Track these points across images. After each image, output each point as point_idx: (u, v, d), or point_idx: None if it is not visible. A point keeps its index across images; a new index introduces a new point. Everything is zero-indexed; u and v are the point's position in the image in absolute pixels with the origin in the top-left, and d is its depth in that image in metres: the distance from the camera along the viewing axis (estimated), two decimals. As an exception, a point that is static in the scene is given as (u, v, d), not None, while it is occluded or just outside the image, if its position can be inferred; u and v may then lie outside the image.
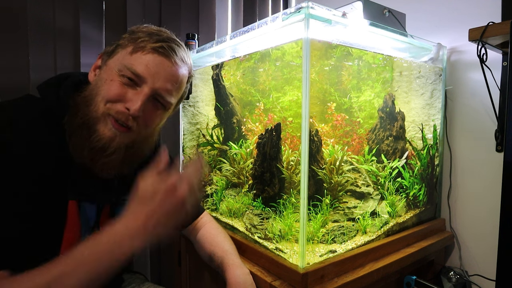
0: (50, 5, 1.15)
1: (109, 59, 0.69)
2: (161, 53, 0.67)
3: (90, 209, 0.72)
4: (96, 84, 0.68)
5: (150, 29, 0.71)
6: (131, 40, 0.68)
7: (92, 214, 0.72)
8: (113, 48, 0.69)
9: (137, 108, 0.65)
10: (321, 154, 0.98)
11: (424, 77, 1.18)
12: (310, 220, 0.88)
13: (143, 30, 0.70)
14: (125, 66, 0.66)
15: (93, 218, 0.72)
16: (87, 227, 0.71)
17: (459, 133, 1.20)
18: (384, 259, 0.92)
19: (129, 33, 0.70)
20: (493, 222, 1.09)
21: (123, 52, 0.68)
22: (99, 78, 0.68)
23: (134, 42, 0.68)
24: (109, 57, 0.69)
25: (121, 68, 0.66)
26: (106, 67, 0.69)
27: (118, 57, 0.68)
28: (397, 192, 1.06)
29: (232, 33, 1.08)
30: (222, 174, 1.20)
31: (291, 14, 0.81)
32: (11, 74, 1.08)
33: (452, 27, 1.20)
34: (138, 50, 0.67)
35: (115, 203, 0.76)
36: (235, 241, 0.95)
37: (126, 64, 0.66)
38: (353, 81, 1.10)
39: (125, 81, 0.66)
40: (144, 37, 0.68)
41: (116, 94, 0.65)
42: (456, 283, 1.09)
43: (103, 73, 0.68)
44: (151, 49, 0.67)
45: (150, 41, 0.67)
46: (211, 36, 1.57)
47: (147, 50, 0.67)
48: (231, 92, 1.24)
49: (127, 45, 0.68)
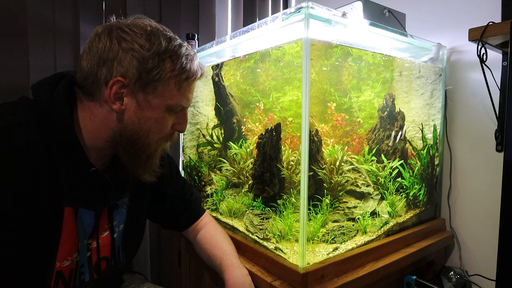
0: (50, 5, 1.15)
1: (148, 95, 0.63)
2: (197, 78, 0.69)
3: (87, 216, 0.69)
4: (139, 123, 0.64)
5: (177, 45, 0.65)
6: (168, 68, 0.63)
7: (90, 221, 0.70)
8: (147, 79, 0.62)
9: (185, 128, 0.72)
10: (321, 154, 0.98)
11: (424, 77, 1.18)
12: (310, 220, 0.88)
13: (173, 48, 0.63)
14: (175, 105, 0.66)
15: (91, 224, 0.70)
16: (84, 234, 0.69)
17: (459, 133, 1.20)
18: (384, 259, 0.92)
19: (157, 53, 0.62)
20: (493, 222, 1.09)
21: (165, 86, 0.64)
22: (142, 116, 0.64)
23: (176, 75, 0.64)
24: (143, 89, 0.62)
25: (170, 107, 0.66)
26: (147, 104, 0.63)
27: (161, 93, 0.64)
28: (397, 192, 1.06)
29: (232, 33, 1.08)
30: (222, 174, 1.20)
31: (291, 14, 0.81)
32: (11, 74, 1.08)
33: (452, 27, 1.20)
34: (182, 85, 0.66)
35: (113, 207, 0.74)
36: (235, 241, 0.95)
37: (175, 103, 0.66)
38: (353, 81, 1.10)
39: (173, 113, 0.69)
40: (183, 65, 0.64)
41: (169, 128, 0.69)
42: (456, 283, 1.09)
43: (146, 110, 0.64)
44: (192, 78, 0.68)
45: (188, 69, 0.66)
46: (211, 36, 1.57)
47: (190, 82, 0.67)
48: (231, 92, 1.24)
49: (168, 77, 0.63)
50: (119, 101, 0.62)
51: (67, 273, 0.67)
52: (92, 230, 0.71)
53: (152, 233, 1.45)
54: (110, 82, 0.61)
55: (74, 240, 0.67)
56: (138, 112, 0.64)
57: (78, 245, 0.68)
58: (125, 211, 0.78)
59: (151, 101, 0.64)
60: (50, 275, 0.64)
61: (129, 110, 0.63)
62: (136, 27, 0.62)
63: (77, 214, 0.67)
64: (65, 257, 0.66)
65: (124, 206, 0.77)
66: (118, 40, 0.61)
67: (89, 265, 0.71)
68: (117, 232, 0.77)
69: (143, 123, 0.64)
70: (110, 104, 0.62)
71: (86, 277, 0.71)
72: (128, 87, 0.62)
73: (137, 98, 0.63)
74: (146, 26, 0.63)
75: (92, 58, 0.62)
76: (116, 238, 0.76)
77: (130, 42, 0.61)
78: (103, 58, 0.61)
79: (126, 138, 0.65)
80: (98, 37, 0.62)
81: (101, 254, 0.73)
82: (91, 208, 0.69)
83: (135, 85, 0.62)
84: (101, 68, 0.61)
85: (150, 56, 0.61)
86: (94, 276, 0.72)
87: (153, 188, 0.85)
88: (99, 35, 0.62)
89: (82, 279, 0.70)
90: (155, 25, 0.65)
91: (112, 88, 0.61)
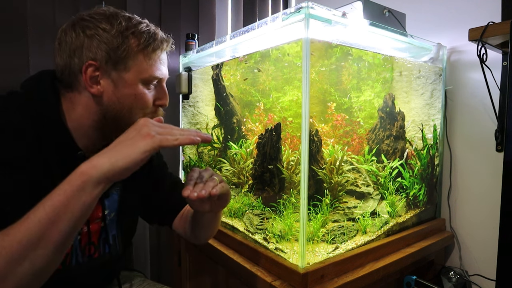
0: (50, 5, 1.15)
1: (121, 73, 0.67)
2: (164, 48, 0.71)
3: None
4: (119, 101, 0.67)
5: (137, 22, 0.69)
6: (133, 44, 0.67)
7: None
8: (115, 58, 0.66)
9: (168, 100, 0.73)
10: (321, 154, 0.98)
11: (424, 77, 1.18)
12: (310, 220, 0.88)
13: (134, 25, 0.67)
14: (149, 77, 0.69)
15: None
16: None
17: (459, 133, 1.20)
18: (384, 259, 0.93)
19: (119, 32, 0.66)
20: (493, 222, 1.09)
21: (135, 61, 0.67)
22: (121, 95, 0.67)
23: (142, 48, 0.67)
24: (114, 68, 0.66)
25: (145, 81, 0.69)
26: (123, 82, 0.67)
27: (133, 68, 0.67)
28: (397, 192, 1.06)
29: (232, 33, 1.08)
30: (222, 174, 1.20)
31: (291, 14, 0.81)
32: (11, 74, 1.08)
33: (452, 27, 1.20)
34: (150, 56, 0.68)
35: (104, 195, 0.73)
36: (235, 241, 0.95)
37: (149, 75, 0.69)
38: (353, 81, 1.10)
39: (150, 87, 0.70)
40: (146, 37, 0.68)
41: (150, 103, 0.71)
42: (456, 283, 1.09)
43: (123, 88, 0.67)
44: (159, 50, 0.70)
45: (152, 41, 0.69)
46: (211, 36, 1.57)
47: (158, 53, 0.70)
48: (231, 92, 1.24)
49: (135, 52, 0.67)
50: (96, 84, 0.66)
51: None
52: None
53: (152, 233, 1.45)
54: (83, 67, 0.65)
55: None
56: (116, 92, 0.67)
57: None
58: (116, 199, 0.79)
59: (125, 77, 0.67)
60: None
61: (107, 91, 0.67)
62: (96, 14, 0.67)
63: None
64: None
65: (116, 194, 0.79)
66: (82, 29, 0.65)
67: (80, 248, 0.74)
68: (109, 220, 0.78)
69: (123, 101, 0.68)
70: (89, 88, 0.66)
71: (80, 258, 0.74)
72: (101, 69, 0.66)
73: (112, 77, 0.67)
74: (105, 11, 0.68)
75: (63, 53, 0.66)
76: (107, 225, 0.78)
77: (93, 28, 0.65)
78: (73, 49, 0.65)
79: (111, 119, 0.68)
80: (64, 33, 0.67)
81: (91, 239, 0.75)
82: None
83: (106, 65, 0.66)
84: (73, 59, 0.66)
85: (114, 36, 0.66)
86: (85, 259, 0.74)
87: (145, 177, 0.86)
88: (64, 30, 0.67)
89: (78, 260, 0.73)
90: (113, 9, 0.70)
91: (87, 73, 0.65)
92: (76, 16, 0.68)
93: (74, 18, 0.68)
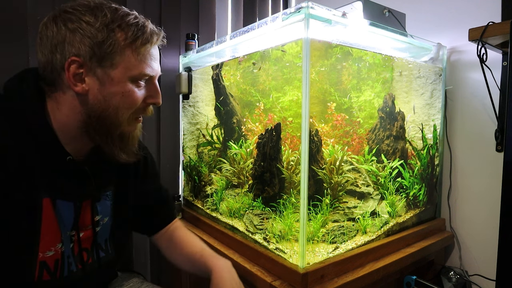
0: (50, 5, 1.15)
1: (107, 70, 0.62)
2: (154, 42, 0.66)
3: (65, 207, 0.68)
4: (105, 100, 0.63)
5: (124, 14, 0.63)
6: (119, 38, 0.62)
7: (68, 212, 0.68)
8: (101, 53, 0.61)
9: (160, 99, 0.70)
10: (321, 154, 0.98)
11: (424, 77, 1.18)
12: (310, 220, 0.88)
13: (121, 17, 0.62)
14: (139, 75, 0.64)
15: (70, 216, 0.69)
16: (64, 226, 0.68)
17: (459, 133, 1.20)
18: (384, 259, 0.93)
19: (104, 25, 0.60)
20: (493, 222, 1.09)
21: (122, 57, 0.62)
22: (107, 93, 0.63)
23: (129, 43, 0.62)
24: (100, 64, 0.61)
25: (134, 78, 0.64)
26: (109, 80, 0.62)
27: (120, 64, 0.62)
28: (397, 192, 1.06)
29: (232, 33, 1.08)
30: (222, 174, 1.20)
31: (291, 14, 0.81)
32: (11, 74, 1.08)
33: (452, 27, 1.20)
34: (139, 51, 0.63)
35: (96, 199, 0.73)
36: (235, 241, 0.95)
37: (138, 73, 0.64)
38: (353, 81, 1.10)
39: (140, 84, 0.66)
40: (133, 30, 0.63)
41: (139, 102, 0.67)
42: (456, 283, 1.09)
43: (110, 86, 0.63)
44: (149, 44, 0.65)
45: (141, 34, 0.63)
46: (211, 36, 1.57)
47: (147, 48, 0.65)
48: (231, 92, 1.24)
49: (122, 47, 0.62)
50: (80, 82, 0.62)
51: (52, 263, 0.67)
52: (73, 222, 0.69)
53: (152, 233, 1.45)
54: (66, 64, 0.60)
55: (55, 231, 0.66)
56: (102, 90, 0.63)
57: (61, 236, 0.67)
58: (109, 204, 0.77)
59: (112, 75, 0.62)
60: (34, 265, 0.64)
61: (92, 89, 0.62)
62: (80, 6, 0.62)
63: (55, 205, 0.66)
64: (48, 247, 0.65)
65: (108, 199, 0.77)
66: (64, 22, 0.61)
67: (73, 256, 0.71)
68: (101, 225, 0.76)
69: (109, 100, 0.63)
70: (72, 87, 0.62)
71: (73, 267, 0.71)
72: (85, 66, 0.61)
73: (97, 75, 0.62)
74: (89, 2, 0.63)
75: (44, 48, 0.62)
76: (100, 231, 0.76)
77: (75, 21, 0.60)
78: (54, 44, 0.61)
79: (96, 119, 0.64)
80: (45, 26, 0.62)
81: (82, 245, 0.72)
82: (68, 199, 0.68)
83: (91, 62, 0.61)
84: (55, 54, 0.61)
85: (98, 29, 0.60)
86: (79, 267, 0.72)
87: (137, 184, 0.84)
88: (45, 23, 0.62)
89: (71, 269, 0.71)
90: (99, 0, 0.64)
91: (70, 70, 0.60)
92: (59, 8, 0.63)
93: (56, 10, 0.63)
